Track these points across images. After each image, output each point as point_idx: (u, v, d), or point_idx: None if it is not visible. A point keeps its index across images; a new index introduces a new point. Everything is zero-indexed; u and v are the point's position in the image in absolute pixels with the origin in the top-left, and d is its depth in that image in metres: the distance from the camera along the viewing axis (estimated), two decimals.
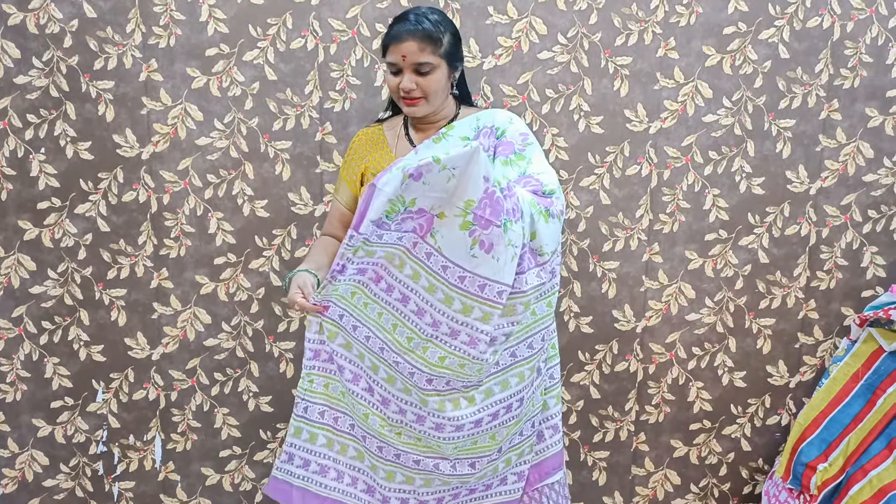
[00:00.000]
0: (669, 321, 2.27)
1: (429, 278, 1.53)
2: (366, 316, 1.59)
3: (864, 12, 2.15)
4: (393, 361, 1.57)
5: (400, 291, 1.56)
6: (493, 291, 1.51)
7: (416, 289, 1.54)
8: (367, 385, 1.62)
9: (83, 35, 2.02)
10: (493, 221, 1.48)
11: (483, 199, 1.48)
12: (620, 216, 2.21)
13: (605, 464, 2.34)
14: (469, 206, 1.48)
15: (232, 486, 2.26)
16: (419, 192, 1.49)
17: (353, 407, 1.64)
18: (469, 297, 1.51)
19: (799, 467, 2.15)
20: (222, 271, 2.16)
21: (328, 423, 1.67)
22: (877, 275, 2.28)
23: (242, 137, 2.10)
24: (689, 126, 2.18)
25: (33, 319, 2.14)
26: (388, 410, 1.61)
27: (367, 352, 1.60)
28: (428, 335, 1.55)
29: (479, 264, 1.50)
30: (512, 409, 1.62)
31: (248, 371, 2.21)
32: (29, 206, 2.09)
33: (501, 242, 1.50)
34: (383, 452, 1.63)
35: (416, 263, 1.53)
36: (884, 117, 2.21)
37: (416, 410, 1.59)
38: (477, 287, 1.51)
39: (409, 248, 1.53)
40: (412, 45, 1.58)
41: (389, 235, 1.54)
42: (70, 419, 2.19)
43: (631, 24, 2.13)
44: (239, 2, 2.04)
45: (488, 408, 1.60)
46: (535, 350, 1.63)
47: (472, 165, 1.46)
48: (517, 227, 1.53)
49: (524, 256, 1.56)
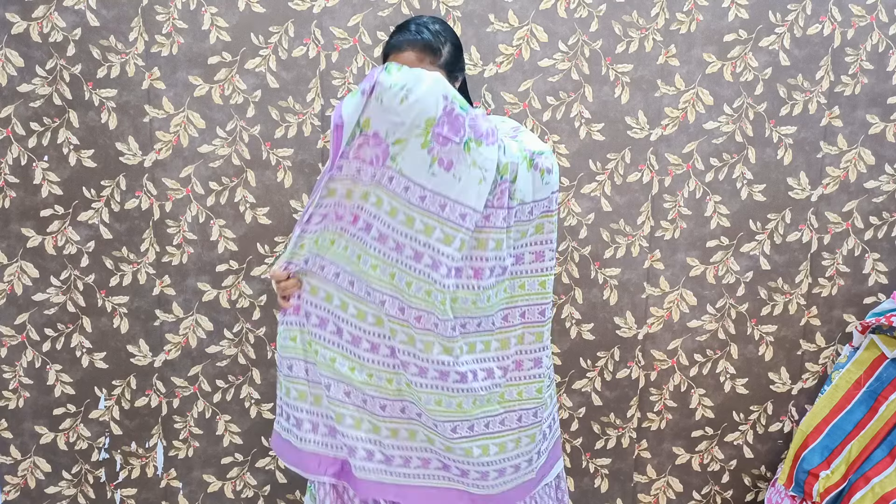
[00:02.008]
0: (671, 328, 2.27)
1: (391, 202, 1.48)
2: (332, 254, 1.55)
3: (865, 19, 2.16)
4: (364, 293, 1.53)
5: (364, 220, 1.52)
6: (456, 213, 1.47)
7: (379, 214, 1.50)
8: (336, 327, 1.58)
9: (86, 44, 2.04)
10: (452, 139, 1.44)
11: (441, 117, 1.43)
12: (622, 223, 2.21)
13: (606, 471, 2.33)
14: (429, 124, 1.43)
15: (234, 493, 2.26)
16: (374, 111, 1.44)
17: (318, 353, 1.60)
18: (429, 216, 1.46)
19: (801, 474, 2.14)
20: (224, 278, 2.17)
21: (300, 375, 1.64)
22: (879, 281, 2.28)
23: (244, 145, 2.11)
24: (690, 133, 2.18)
25: (36, 326, 2.14)
26: (360, 349, 1.57)
27: (336, 290, 1.56)
28: (393, 260, 1.50)
29: (439, 183, 1.46)
30: (494, 376, 1.58)
31: (249, 378, 2.21)
32: (32, 213, 2.10)
33: (463, 161, 1.45)
34: (350, 398, 1.59)
35: (378, 189, 1.49)
36: (885, 124, 2.21)
37: (389, 343, 1.55)
38: (438, 206, 1.46)
39: (370, 179, 1.49)
40: (411, 55, 1.59)
41: (349, 166, 1.50)
42: (72, 426, 2.20)
43: (632, 32, 2.13)
44: (241, 10, 2.05)
45: (470, 363, 1.55)
46: (536, 321, 1.60)
47: (428, 84, 1.42)
48: (487, 151, 1.48)
49: (501, 190, 1.51)
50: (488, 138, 1.49)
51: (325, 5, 2.07)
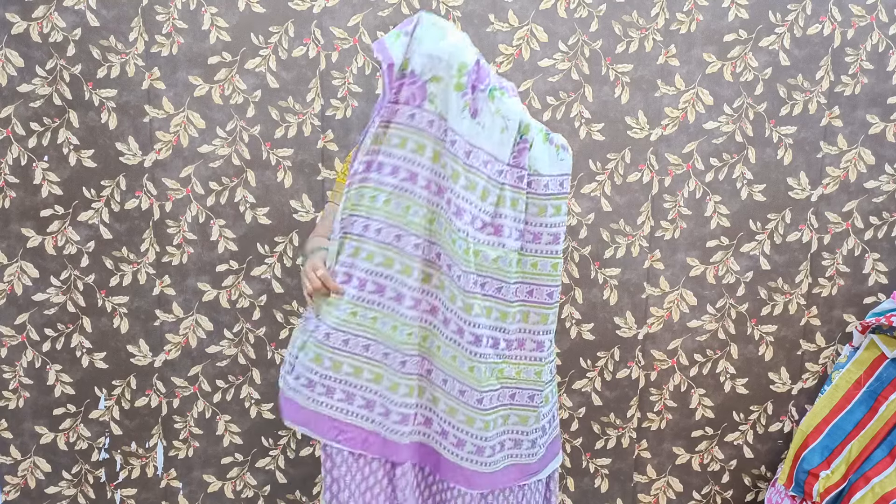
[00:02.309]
0: (671, 328, 2.27)
1: (433, 147, 1.51)
2: (376, 209, 1.54)
3: (865, 19, 2.16)
4: (413, 246, 1.54)
5: (406, 170, 1.53)
6: (479, 159, 1.50)
7: (422, 161, 1.52)
8: (376, 286, 1.56)
9: (86, 44, 2.03)
10: (478, 85, 1.48)
11: (473, 66, 1.47)
12: (622, 223, 2.21)
13: (606, 471, 2.33)
14: (462, 69, 1.47)
15: (234, 493, 2.26)
16: (414, 49, 1.47)
17: (357, 315, 1.57)
18: (456, 161, 1.49)
19: (801, 474, 2.14)
20: (224, 278, 2.16)
21: (355, 351, 1.59)
22: (878, 281, 2.28)
23: (244, 145, 2.11)
24: (690, 133, 2.18)
25: (36, 327, 2.14)
26: (402, 307, 1.56)
27: (379, 246, 1.55)
28: (433, 204, 1.52)
29: (467, 129, 1.49)
30: (498, 347, 1.57)
31: (249, 378, 2.21)
32: (32, 213, 2.10)
33: (487, 109, 1.49)
34: (388, 359, 1.58)
35: (417, 133, 1.51)
36: (885, 124, 2.21)
37: (432, 300, 1.55)
38: (464, 153, 1.49)
39: (409, 122, 1.51)
40: None
41: (401, 112, 1.51)
42: (72, 426, 2.20)
43: (632, 32, 2.13)
44: (241, 10, 2.05)
45: (484, 328, 1.55)
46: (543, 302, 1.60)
47: (462, 34, 1.50)
48: (511, 102, 1.52)
49: (520, 149, 1.54)
50: (511, 91, 1.54)
51: (325, 5, 2.07)
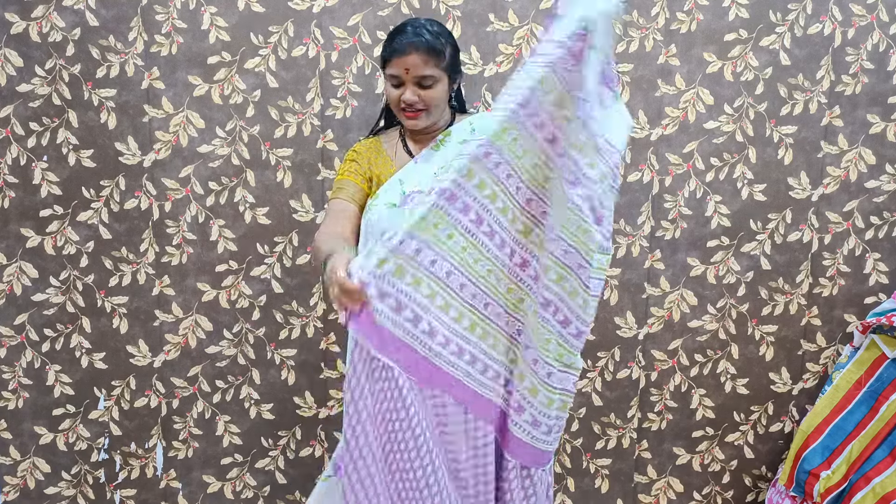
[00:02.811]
0: (671, 328, 2.27)
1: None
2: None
3: (865, 19, 2.16)
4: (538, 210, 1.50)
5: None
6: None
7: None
8: (477, 216, 1.47)
9: (85, 43, 2.03)
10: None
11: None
12: (622, 223, 2.21)
13: (607, 471, 2.33)
14: None
15: (233, 493, 2.26)
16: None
17: (452, 238, 1.48)
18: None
19: (802, 475, 2.14)
20: (224, 278, 2.16)
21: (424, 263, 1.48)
22: (879, 281, 2.28)
23: (244, 145, 2.11)
24: (690, 133, 2.18)
25: (35, 327, 2.14)
26: (502, 253, 1.52)
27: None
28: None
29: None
30: (559, 311, 1.50)
31: (249, 378, 2.21)
32: (31, 213, 2.09)
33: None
34: (463, 291, 1.51)
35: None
36: (885, 123, 2.21)
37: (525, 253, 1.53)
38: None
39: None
40: (416, 59, 1.57)
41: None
42: (72, 426, 2.20)
43: (632, 31, 2.13)
44: (240, 10, 2.05)
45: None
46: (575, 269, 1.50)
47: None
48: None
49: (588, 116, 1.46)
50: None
51: (324, 5, 2.06)
